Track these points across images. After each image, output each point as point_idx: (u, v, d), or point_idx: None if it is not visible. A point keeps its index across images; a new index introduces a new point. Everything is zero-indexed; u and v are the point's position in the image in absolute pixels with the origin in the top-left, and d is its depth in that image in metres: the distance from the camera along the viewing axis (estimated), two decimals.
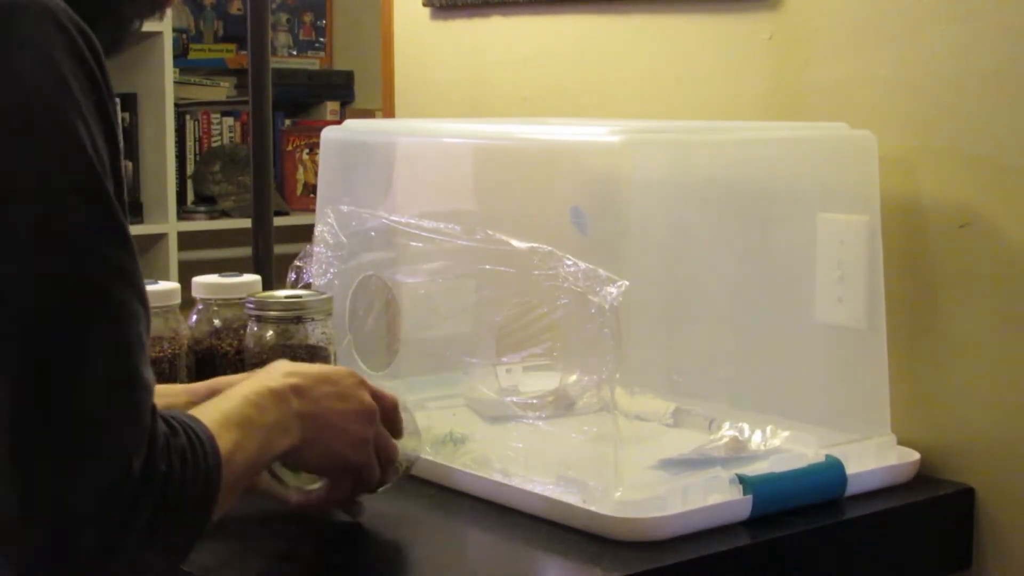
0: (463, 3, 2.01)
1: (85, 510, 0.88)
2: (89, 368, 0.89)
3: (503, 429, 1.42)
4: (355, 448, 1.17)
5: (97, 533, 0.88)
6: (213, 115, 3.84)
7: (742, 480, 1.30)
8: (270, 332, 1.42)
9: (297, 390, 1.12)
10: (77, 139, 0.90)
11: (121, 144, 0.96)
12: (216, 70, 3.97)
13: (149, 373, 0.93)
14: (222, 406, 1.06)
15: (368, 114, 3.74)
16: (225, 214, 3.71)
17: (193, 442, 0.96)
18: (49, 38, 0.90)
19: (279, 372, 1.14)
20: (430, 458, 1.41)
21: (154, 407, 0.93)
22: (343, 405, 1.15)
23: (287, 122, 4.03)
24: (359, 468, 1.19)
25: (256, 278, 1.56)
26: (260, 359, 1.40)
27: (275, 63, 2.69)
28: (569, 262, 1.30)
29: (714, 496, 1.29)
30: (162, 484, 0.91)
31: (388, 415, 1.22)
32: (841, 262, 1.47)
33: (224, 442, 1.00)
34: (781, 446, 1.36)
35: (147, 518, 0.90)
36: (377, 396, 1.20)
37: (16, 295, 0.87)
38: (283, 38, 4.13)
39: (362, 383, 1.19)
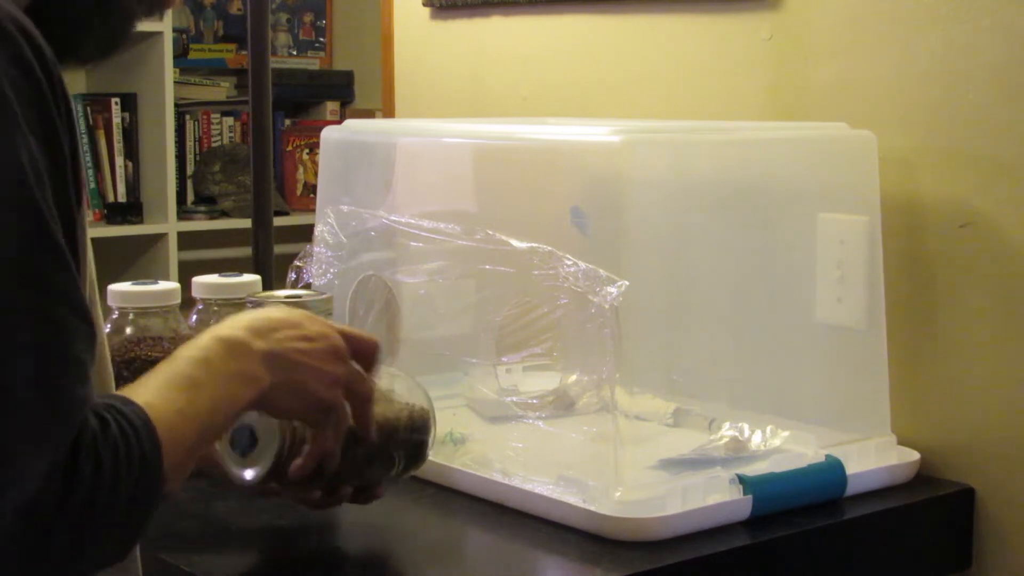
0: (463, 3, 2.01)
1: (2, 534, 0.84)
2: (10, 392, 0.85)
3: (503, 429, 1.42)
4: (328, 386, 1.10)
5: (17, 554, 0.85)
6: (213, 115, 3.84)
7: (742, 480, 1.30)
8: None
9: (258, 333, 1.06)
10: (8, 152, 0.85)
11: (71, 153, 0.91)
12: (216, 70, 3.97)
13: (82, 390, 0.89)
14: (164, 372, 1.00)
15: (368, 114, 3.74)
16: (225, 214, 3.71)
17: (124, 429, 0.91)
18: None
19: (237, 321, 1.07)
20: (430, 458, 1.41)
21: (85, 419, 0.89)
22: (309, 345, 1.09)
23: (287, 122, 4.03)
24: (333, 409, 1.12)
25: (256, 278, 1.56)
26: None
27: (275, 63, 2.70)
28: (569, 262, 1.30)
29: (714, 496, 1.29)
30: (89, 489, 0.87)
31: (366, 355, 1.16)
32: (841, 262, 1.47)
33: (165, 414, 0.94)
34: (781, 446, 1.36)
35: (72, 531, 0.87)
36: (351, 337, 1.14)
37: None
38: (283, 38, 4.13)
39: (328, 324, 1.13)
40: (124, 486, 0.90)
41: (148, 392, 0.96)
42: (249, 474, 1.16)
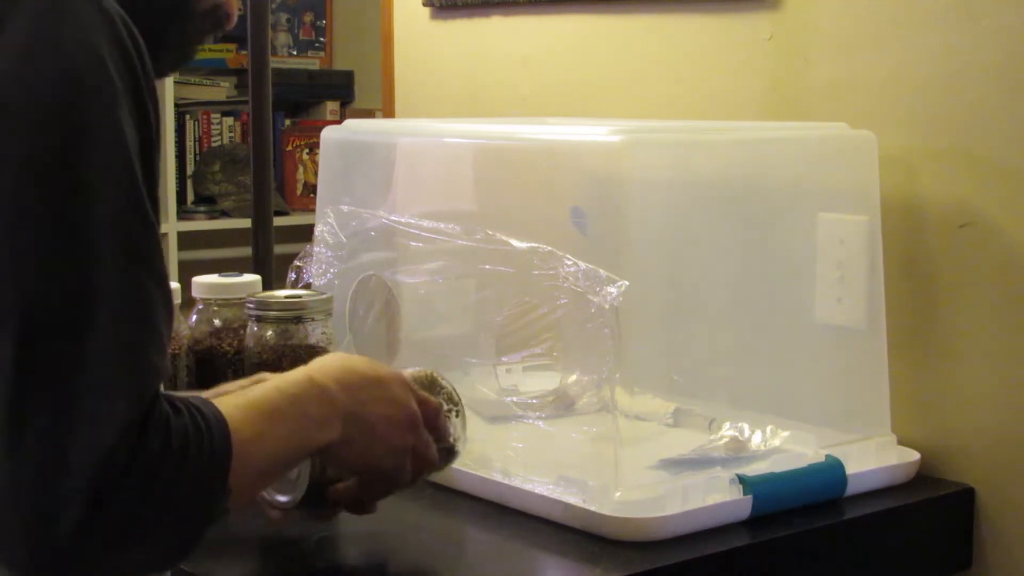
0: (463, 3, 2.01)
1: (70, 483, 0.87)
2: (93, 345, 0.89)
3: (503, 429, 1.42)
4: (393, 455, 1.15)
5: (79, 507, 0.87)
6: (213, 115, 3.84)
7: (742, 480, 1.30)
8: (270, 332, 1.42)
9: (345, 387, 1.10)
10: (115, 125, 0.92)
11: (157, 134, 0.97)
12: (216, 70, 3.97)
13: (160, 360, 0.93)
14: (250, 394, 1.04)
15: (368, 114, 3.73)
16: (225, 214, 3.71)
17: (198, 423, 0.94)
18: (93, 24, 0.92)
19: (329, 367, 1.11)
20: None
21: (157, 391, 0.92)
22: (389, 410, 1.14)
23: (287, 122, 4.03)
24: (390, 474, 1.17)
25: (256, 278, 1.56)
26: (260, 359, 1.40)
27: (275, 63, 2.70)
28: (569, 262, 1.30)
29: (714, 496, 1.29)
30: (155, 463, 0.90)
31: (430, 421, 1.20)
32: (841, 262, 1.47)
33: (243, 430, 0.98)
34: (781, 446, 1.36)
35: (133, 499, 0.89)
36: (421, 402, 1.18)
37: (27, 271, 0.89)
38: (283, 38, 4.13)
39: (410, 389, 1.17)
40: (187, 473, 0.92)
41: (233, 407, 0.99)
42: (283, 499, 1.19)
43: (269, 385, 1.06)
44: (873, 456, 1.42)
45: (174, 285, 1.51)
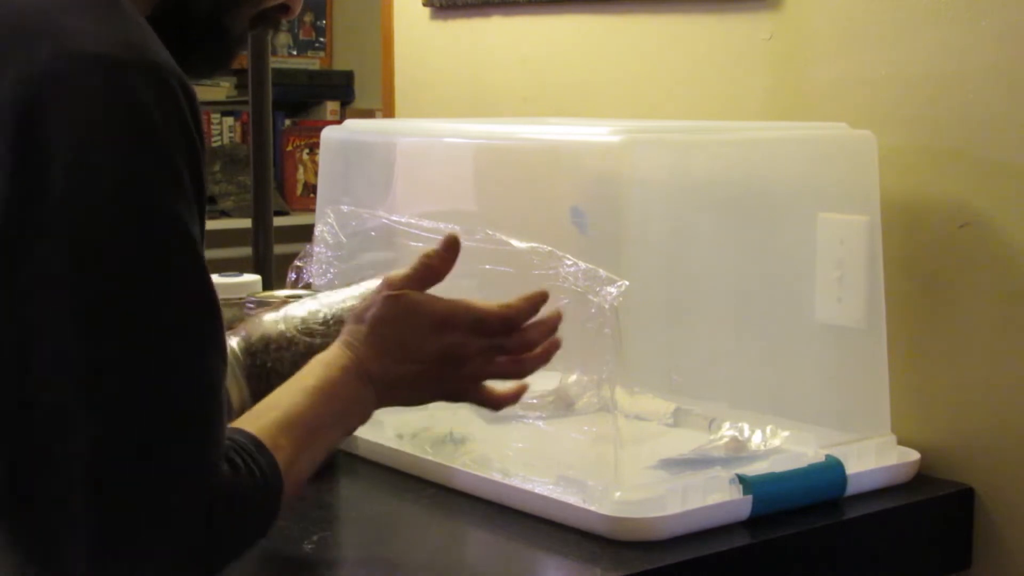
0: (463, 3, 2.01)
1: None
2: (166, 434, 0.92)
3: (503, 429, 1.42)
4: (435, 391, 1.18)
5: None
6: (213, 115, 3.84)
7: (742, 480, 1.30)
8: None
9: (376, 377, 1.13)
10: (181, 222, 0.93)
11: (206, 194, 0.98)
12: None
13: (222, 428, 0.96)
14: (292, 406, 1.06)
15: (368, 114, 3.74)
16: (225, 214, 3.71)
17: (256, 477, 0.98)
18: (153, 100, 0.91)
19: (363, 348, 1.13)
20: (430, 458, 1.41)
21: (221, 456, 0.96)
22: (420, 372, 1.15)
23: (287, 122, 4.03)
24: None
25: (256, 278, 1.56)
26: None
27: (275, 63, 2.70)
28: (569, 262, 1.30)
29: (714, 496, 1.29)
30: (219, 535, 0.95)
31: (508, 327, 1.20)
32: (841, 262, 1.47)
33: (291, 458, 1.02)
34: (781, 446, 1.36)
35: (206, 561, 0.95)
36: (478, 326, 1.18)
37: (103, 371, 0.90)
38: (283, 38, 4.13)
39: (451, 324, 1.18)
40: (250, 527, 0.99)
41: (273, 426, 1.03)
42: None
43: (311, 386, 1.09)
44: (873, 456, 1.42)
45: None
